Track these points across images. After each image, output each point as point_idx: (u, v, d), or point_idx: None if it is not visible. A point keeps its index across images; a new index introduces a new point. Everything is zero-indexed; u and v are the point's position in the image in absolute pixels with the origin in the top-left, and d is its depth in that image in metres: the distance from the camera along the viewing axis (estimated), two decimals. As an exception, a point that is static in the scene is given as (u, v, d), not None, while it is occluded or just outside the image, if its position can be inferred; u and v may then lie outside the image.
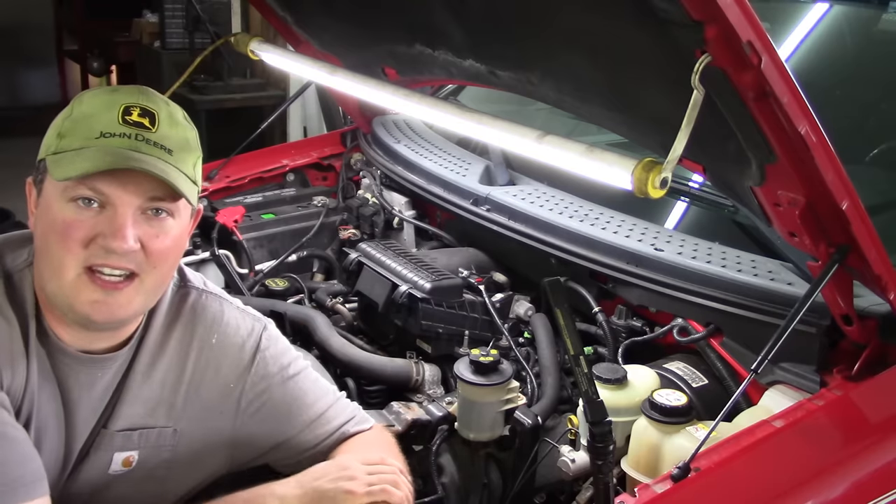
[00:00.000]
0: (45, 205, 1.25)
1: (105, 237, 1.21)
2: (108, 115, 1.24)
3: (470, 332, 1.97)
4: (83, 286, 1.22)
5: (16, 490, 1.18)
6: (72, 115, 1.26)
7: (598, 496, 1.22)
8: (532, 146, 1.49)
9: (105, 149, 1.21)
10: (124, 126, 1.23)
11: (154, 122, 1.25)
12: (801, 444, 1.42)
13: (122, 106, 1.25)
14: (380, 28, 2.04)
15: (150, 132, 1.24)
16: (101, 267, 1.22)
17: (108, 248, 1.21)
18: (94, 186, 1.21)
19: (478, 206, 2.20)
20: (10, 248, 1.32)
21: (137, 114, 1.25)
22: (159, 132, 1.25)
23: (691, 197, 2.07)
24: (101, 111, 1.25)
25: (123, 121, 1.23)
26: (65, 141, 1.24)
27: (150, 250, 1.25)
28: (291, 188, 2.74)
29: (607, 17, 1.34)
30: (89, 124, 1.23)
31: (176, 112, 1.30)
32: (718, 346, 1.72)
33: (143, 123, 1.24)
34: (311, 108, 5.37)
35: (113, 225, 1.21)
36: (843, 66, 2.43)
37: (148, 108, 1.26)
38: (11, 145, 6.30)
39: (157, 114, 1.26)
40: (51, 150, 1.25)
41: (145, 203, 1.24)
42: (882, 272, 1.38)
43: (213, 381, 1.41)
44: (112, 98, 1.26)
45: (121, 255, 1.22)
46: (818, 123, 1.19)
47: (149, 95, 1.28)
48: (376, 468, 1.36)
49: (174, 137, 1.27)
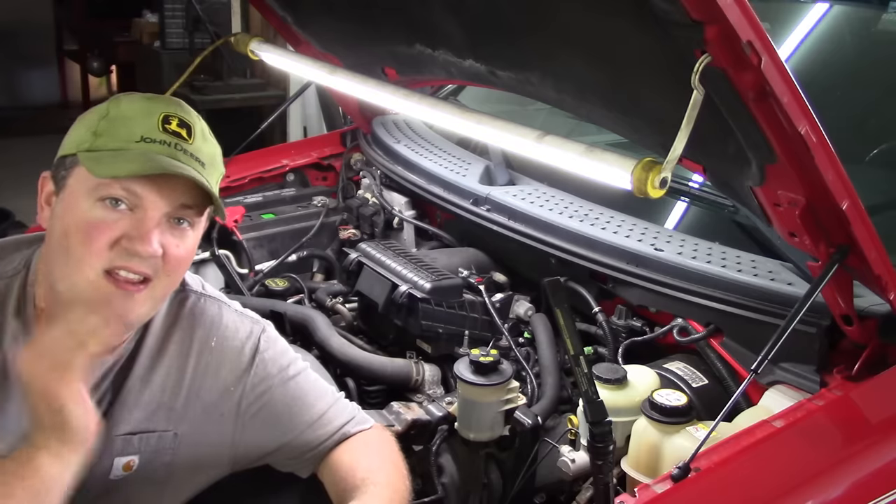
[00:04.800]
0: (68, 201, 1.25)
1: (131, 239, 1.22)
2: (147, 121, 1.25)
3: (470, 332, 1.97)
4: (102, 287, 1.22)
5: None
6: (108, 116, 1.27)
7: (598, 496, 1.22)
8: (532, 146, 1.49)
9: (147, 153, 1.23)
10: (164, 134, 1.25)
11: (191, 134, 1.28)
12: (801, 444, 1.42)
13: (162, 114, 1.27)
14: (380, 28, 2.04)
15: (188, 143, 1.27)
16: (120, 269, 1.23)
17: (132, 250, 1.22)
18: (130, 188, 1.22)
19: (478, 206, 2.20)
20: (1, 255, 1.33)
21: (176, 123, 1.27)
22: (195, 144, 1.28)
23: (691, 197, 2.07)
24: (140, 116, 1.26)
25: (163, 129, 1.25)
26: (101, 140, 1.24)
27: (169, 258, 1.26)
28: (291, 188, 2.74)
29: (607, 17, 1.34)
30: (129, 127, 1.25)
31: (206, 128, 1.33)
32: (718, 346, 1.72)
33: (182, 134, 1.27)
34: (311, 108, 5.37)
35: (141, 228, 1.22)
36: (843, 66, 2.43)
37: (186, 119, 1.29)
38: (11, 145, 6.32)
39: (193, 127, 1.29)
40: (84, 146, 1.25)
41: (174, 211, 1.26)
42: (882, 272, 1.38)
43: (212, 385, 1.41)
44: (151, 105, 1.28)
45: (142, 259, 1.23)
46: (818, 123, 1.19)
47: (185, 108, 1.31)
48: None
49: (206, 152, 1.30)
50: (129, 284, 1.23)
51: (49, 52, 8.00)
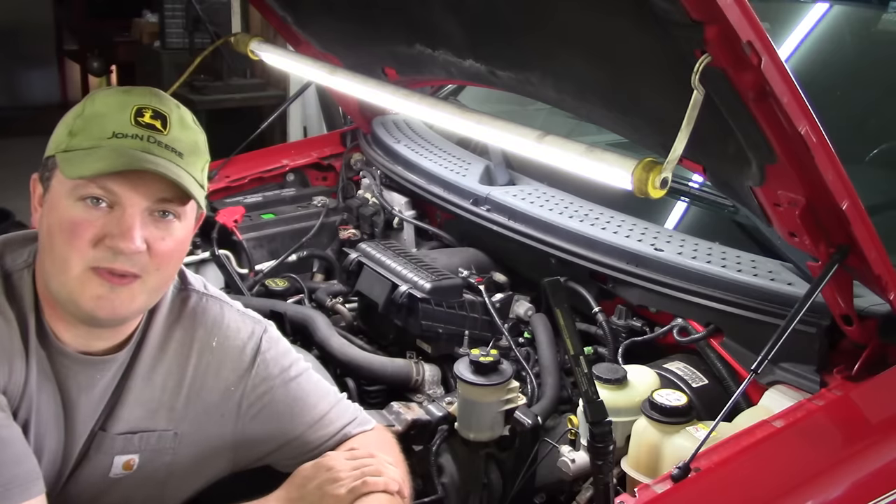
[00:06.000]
0: (52, 202, 1.25)
1: (113, 237, 1.21)
2: (120, 116, 1.24)
3: (470, 332, 1.97)
4: (88, 280, 1.22)
5: (10, 490, 1.18)
6: (83, 114, 1.26)
7: (598, 496, 1.22)
8: (532, 146, 1.49)
9: (118, 149, 1.22)
10: (137, 127, 1.24)
11: (166, 125, 1.26)
12: (801, 444, 1.42)
13: (135, 107, 1.25)
14: (380, 28, 2.04)
15: (162, 135, 1.25)
16: (106, 269, 1.22)
17: (115, 248, 1.21)
18: (105, 186, 1.21)
19: (478, 206, 2.20)
20: (11, 249, 1.33)
21: (150, 115, 1.25)
22: (171, 135, 1.26)
23: (691, 197, 2.07)
24: (113, 111, 1.25)
25: (136, 122, 1.24)
26: (76, 139, 1.24)
27: (155, 252, 1.25)
28: (291, 188, 2.74)
29: (607, 17, 1.34)
30: (101, 124, 1.24)
31: (186, 115, 1.31)
32: (718, 346, 1.72)
33: (156, 126, 1.25)
34: (311, 108, 5.37)
35: (122, 225, 1.22)
36: (843, 66, 2.43)
37: (160, 110, 1.27)
38: (11, 145, 6.31)
39: (169, 116, 1.27)
40: (61, 147, 1.25)
41: (154, 205, 1.25)
42: (882, 272, 1.38)
43: (213, 384, 1.41)
44: (125, 99, 1.26)
45: (127, 257, 1.22)
46: (818, 123, 1.19)
47: (161, 98, 1.29)
48: (361, 462, 1.35)
49: (185, 141, 1.28)
50: (115, 277, 1.23)
51: (49, 52, 7.99)
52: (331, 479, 1.32)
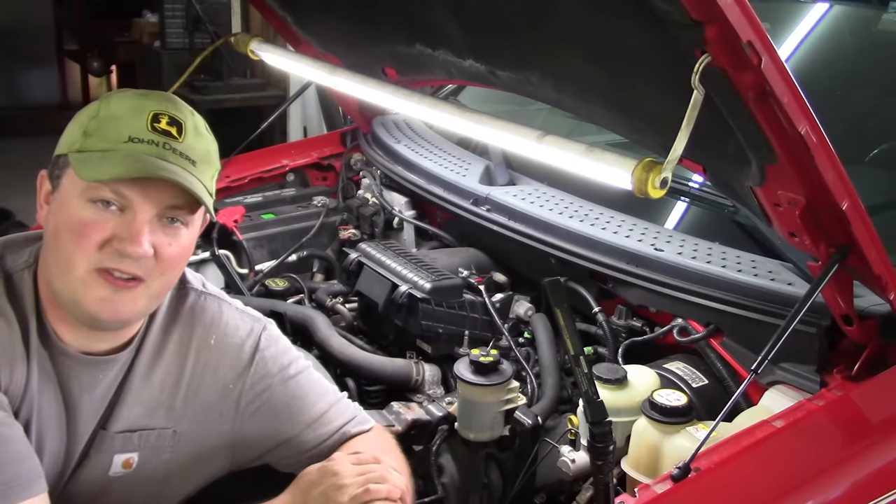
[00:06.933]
0: (61, 200, 1.25)
1: (121, 241, 1.21)
2: (136, 121, 1.24)
3: (470, 332, 1.97)
4: (92, 282, 1.22)
5: (13, 489, 1.18)
6: (98, 115, 1.26)
7: (598, 496, 1.22)
8: (532, 146, 1.49)
9: (134, 155, 1.22)
10: (153, 133, 1.24)
11: (181, 132, 1.26)
12: (801, 444, 1.42)
13: (152, 113, 1.25)
14: (380, 28, 2.04)
15: (177, 142, 1.25)
16: (111, 270, 1.23)
17: (123, 251, 1.21)
18: (118, 190, 1.21)
19: (478, 206, 2.20)
20: (12, 250, 1.33)
21: (166, 122, 1.25)
22: (185, 142, 1.26)
23: (691, 197, 2.07)
24: (129, 115, 1.25)
25: (152, 128, 1.24)
26: (90, 140, 1.24)
27: (162, 257, 1.25)
28: (291, 188, 2.74)
29: (607, 17, 1.34)
30: (117, 127, 1.24)
31: (200, 123, 1.31)
32: (718, 346, 1.72)
33: (171, 132, 1.25)
34: (311, 108, 5.37)
35: (131, 230, 1.22)
36: (843, 66, 2.43)
37: (176, 117, 1.27)
38: (11, 145, 6.31)
39: (185, 124, 1.27)
40: (74, 146, 1.25)
41: (164, 211, 1.25)
42: (882, 272, 1.38)
43: (211, 382, 1.41)
44: (141, 103, 1.27)
45: (133, 261, 1.22)
46: (818, 123, 1.19)
47: (177, 104, 1.29)
48: (366, 468, 1.35)
49: (198, 149, 1.28)
50: (120, 281, 1.23)
51: (49, 53, 7.99)
52: (335, 485, 1.32)
